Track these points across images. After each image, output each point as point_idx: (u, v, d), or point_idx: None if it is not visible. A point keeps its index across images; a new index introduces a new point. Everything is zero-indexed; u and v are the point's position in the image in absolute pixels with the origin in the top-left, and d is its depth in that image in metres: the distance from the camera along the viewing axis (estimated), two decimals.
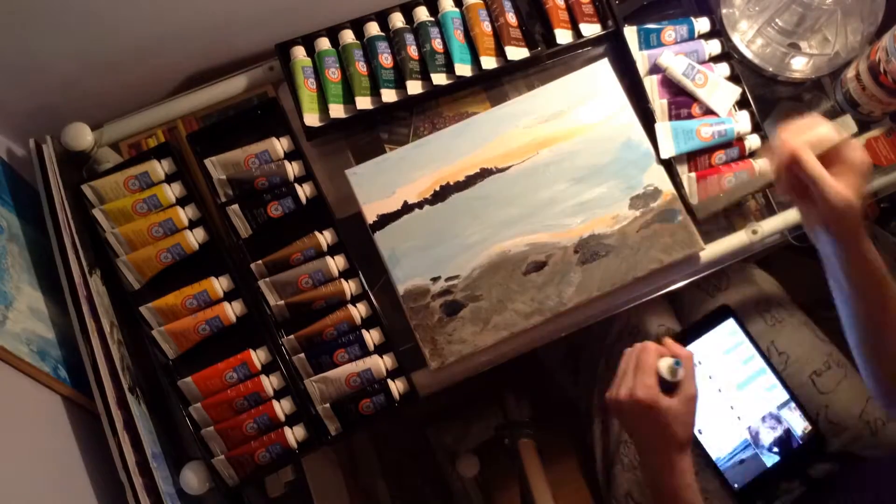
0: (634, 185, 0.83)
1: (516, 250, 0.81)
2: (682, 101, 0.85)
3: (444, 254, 0.81)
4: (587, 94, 0.85)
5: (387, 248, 0.81)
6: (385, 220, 0.82)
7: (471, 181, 0.83)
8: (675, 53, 0.85)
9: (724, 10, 0.90)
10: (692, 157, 0.84)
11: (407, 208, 0.82)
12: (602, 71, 0.86)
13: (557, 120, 0.84)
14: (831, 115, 0.90)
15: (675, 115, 0.86)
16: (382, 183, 0.82)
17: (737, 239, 0.85)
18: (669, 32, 0.87)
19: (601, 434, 1.00)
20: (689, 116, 0.85)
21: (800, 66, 0.90)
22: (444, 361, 0.79)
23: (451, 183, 0.83)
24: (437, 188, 0.82)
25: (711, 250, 0.84)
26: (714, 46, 0.87)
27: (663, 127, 0.84)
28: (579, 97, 0.85)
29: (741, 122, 0.85)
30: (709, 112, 0.85)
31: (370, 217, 0.81)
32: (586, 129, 0.84)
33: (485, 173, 0.83)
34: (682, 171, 0.84)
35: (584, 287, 0.80)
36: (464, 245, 0.81)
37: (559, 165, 0.83)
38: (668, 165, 0.84)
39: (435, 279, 0.80)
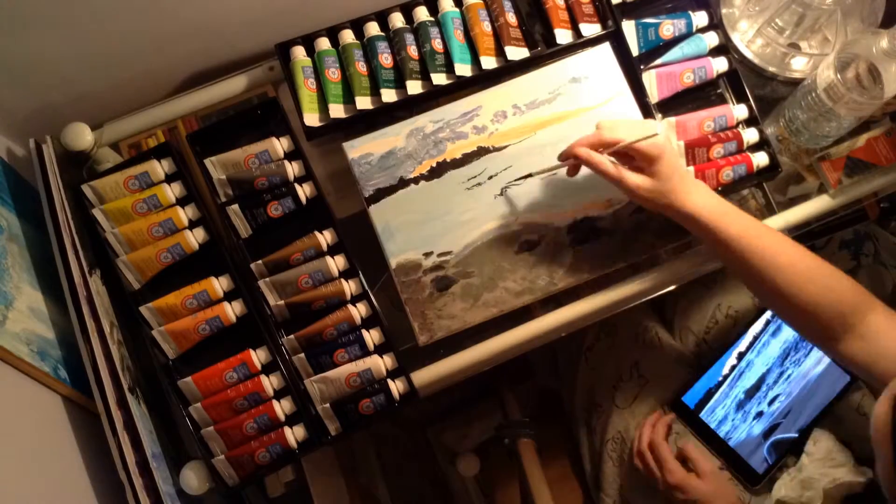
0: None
1: (509, 229, 0.81)
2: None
3: (437, 229, 0.81)
4: (586, 77, 0.85)
5: (381, 221, 0.81)
6: (381, 193, 0.82)
7: (467, 159, 0.83)
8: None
9: (723, 10, 0.90)
10: (690, 151, 0.84)
11: (403, 183, 0.82)
12: (602, 54, 0.86)
13: (556, 102, 0.84)
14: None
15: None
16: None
17: None
18: (667, 26, 0.87)
19: (586, 435, 1.01)
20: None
21: (800, 65, 0.90)
22: (433, 336, 0.80)
23: (448, 160, 0.83)
24: (434, 164, 0.83)
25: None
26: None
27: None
28: (578, 80, 0.85)
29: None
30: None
31: (367, 192, 0.82)
32: (584, 111, 0.84)
33: (482, 152, 0.83)
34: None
35: (576, 269, 0.81)
36: (458, 222, 0.82)
37: (556, 147, 0.83)
38: None
39: (427, 254, 0.81)
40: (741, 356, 0.95)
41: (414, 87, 0.84)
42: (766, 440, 0.92)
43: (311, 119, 0.83)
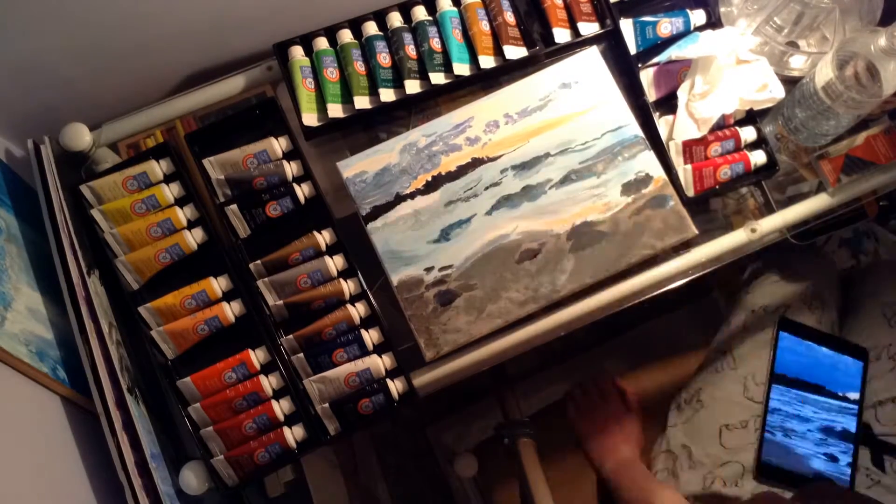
0: (626, 172, 0.83)
1: (509, 239, 0.81)
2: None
3: (437, 244, 0.81)
4: (576, 82, 0.85)
5: (380, 239, 0.81)
6: (378, 211, 0.82)
7: (462, 171, 0.83)
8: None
9: (722, 9, 0.90)
10: (688, 150, 0.84)
11: (399, 199, 0.82)
12: (591, 58, 0.86)
13: (547, 108, 0.84)
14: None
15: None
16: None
17: (735, 237, 0.85)
18: (665, 25, 0.87)
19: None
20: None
21: (798, 64, 0.90)
22: (440, 351, 0.79)
23: (443, 173, 0.83)
24: (430, 178, 0.82)
25: (710, 248, 0.84)
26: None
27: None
28: (568, 85, 0.85)
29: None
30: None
31: (364, 210, 0.82)
32: (576, 116, 0.84)
33: (476, 163, 0.83)
34: (678, 162, 0.85)
35: (578, 274, 0.81)
36: (457, 235, 0.81)
37: (550, 153, 0.83)
38: (662, 154, 0.84)
39: (429, 269, 0.80)
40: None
41: (412, 86, 0.84)
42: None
43: (310, 119, 0.83)
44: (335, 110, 0.84)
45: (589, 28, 0.87)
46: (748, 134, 0.85)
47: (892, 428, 0.90)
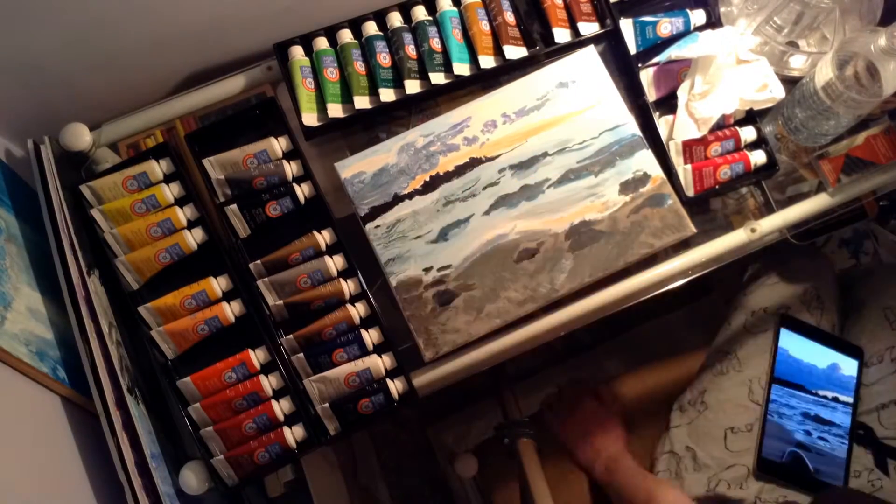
0: (623, 171, 0.83)
1: (508, 239, 0.81)
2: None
3: (435, 244, 0.81)
4: (574, 81, 0.85)
5: (378, 239, 0.81)
6: (376, 211, 0.82)
7: (460, 171, 0.83)
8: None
9: (722, 9, 0.90)
10: (688, 150, 0.84)
11: (397, 199, 0.82)
12: (588, 57, 0.86)
13: (545, 108, 0.84)
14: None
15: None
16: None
17: (735, 237, 0.85)
18: (665, 25, 0.87)
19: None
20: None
21: (798, 64, 0.90)
22: (439, 351, 0.79)
23: (441, 173, 0.83)
24: (427, 178, 0.82)
25: (710, 248, 0.84)
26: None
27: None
28: (566, 84, 0.85)
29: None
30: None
31: (362, 211, 0.82)
32: (574, 115, 0.84)
33: (474, 163, 0.83)
34: (678, 162, 0.85)
35: (576, 273, 0.81)
36: (455, 234, 0.81)
37: (548, 153, 0.83)
38: (662, 153, 0.84)
39: (427, 269, 0.81)
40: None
41: (412, 86, 0.84)
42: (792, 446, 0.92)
43: (310, 119, 0.83)
44: (335, 110, 0.84)
45: (589, 28, 0.87)
46: (748, 134, 0.85)
47: (895, 431, 0.90)
